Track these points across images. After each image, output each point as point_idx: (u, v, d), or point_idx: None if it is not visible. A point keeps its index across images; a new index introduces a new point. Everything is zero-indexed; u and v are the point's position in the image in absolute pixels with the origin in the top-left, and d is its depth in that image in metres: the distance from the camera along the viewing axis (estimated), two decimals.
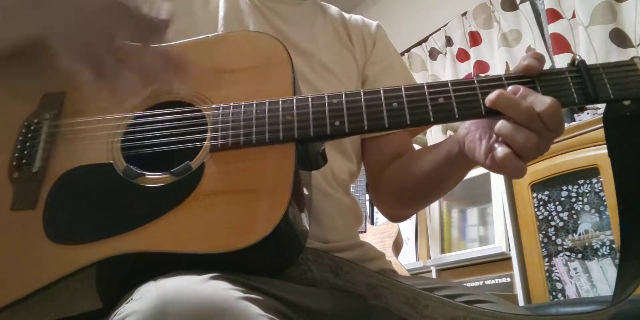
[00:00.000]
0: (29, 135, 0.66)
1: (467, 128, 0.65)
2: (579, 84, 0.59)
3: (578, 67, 0.60)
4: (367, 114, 0.61)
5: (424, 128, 0.96)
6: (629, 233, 0.63)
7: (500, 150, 0.58)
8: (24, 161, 0.64)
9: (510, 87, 0.59)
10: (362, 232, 2.42)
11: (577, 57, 0.61)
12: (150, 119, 0.65)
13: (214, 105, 0.64)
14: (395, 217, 0.96)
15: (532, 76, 0.61)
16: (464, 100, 0.60)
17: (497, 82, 0.61)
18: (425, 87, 0.61)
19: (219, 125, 0.63)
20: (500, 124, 0.58)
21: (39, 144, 0.65)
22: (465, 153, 0.66)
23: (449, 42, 3.10)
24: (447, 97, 0.60)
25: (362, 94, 0.62)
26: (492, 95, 0.58)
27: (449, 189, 0.85)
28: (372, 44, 0.96)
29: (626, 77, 0.59)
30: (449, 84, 0.61)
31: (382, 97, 0.61)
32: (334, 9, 0.98)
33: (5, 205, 0.62)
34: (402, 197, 0.87)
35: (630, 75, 0.59)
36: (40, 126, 0.67)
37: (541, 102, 0.57)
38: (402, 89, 0.61)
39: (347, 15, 0.99)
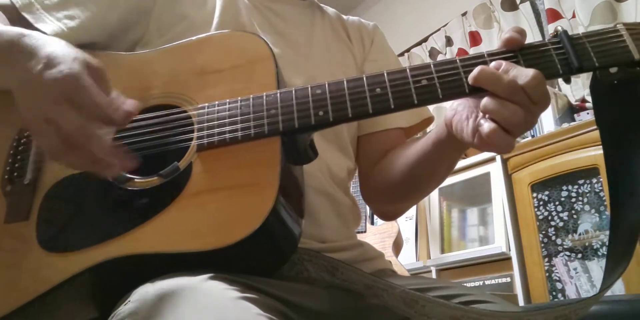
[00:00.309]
0: (20, 148, 0.67)
1: (454, 109, 0.65)
2: (562, 55, 0.58)
3: (560, 38, 0.59)
4: (350, 101, 0.60)
5: (420, 128, 0.95)
6: (618, 208, 0.62)
7: (487, 125, 0.57)
8: (15, 174, 0.65)
9: (492, 63, 0.58)
10: (362, 232, 2.42)
11: (559, 28, 0.60)
12: (137, 124, 0.65)
13: (199, 105, 0.64)
14: (387, 213, 0.94)
15: (514, 51, 0.60)
16: (447, 80, 0.59)
17: (479, 60, 0.60)
18: (407, 70, 0.61)
19: (205, 124, 0.63)
20: (485, 101, 0.57)
21: (30, 156, 0.65)
22: (454, 135, 0.65)
23: (449, 42, 3.10)
24: (430, 78, 0.60)
25: (345, 82, 0.62)
26: (474, 72, 0.57)
27: (439, 179, 0.84)
28: (370, 43, 0.96)
29: (610, 44, 0.58)
30: (432, 66, 0.60)
31: (365, 84, 0.61)
32: (331, 10, 0.99)
33: None
34: (392, 189, 0.86)
35: (614, 42, 0.58)
36: (30, 139, 0.67)
37: (524, 75, 0.56)
38: (385, 74, 0.61)
39: (344, 17, 1.00)
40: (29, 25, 0.71)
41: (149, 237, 0.57)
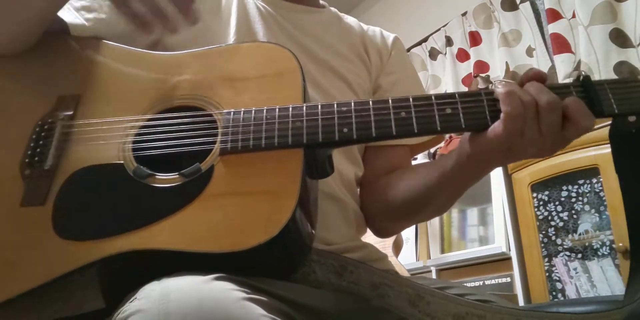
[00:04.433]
0: (43, 134, 0.67)
1: None
2: (584, 99, 0.61)
3: (583, 83, 0.62)
4: (375, 122, 0.62)
5: (427, 146, 0.96)
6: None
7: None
8: (36, 159, 0.65)
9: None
10: None
11: (582, 72, 0.63)
12: (162, 122, 0.66)
13: (225, 110, 0.65)
14: (381, 230, 0.92)
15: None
16: (470, 111, 0.62)
17: None
18: (433, 97, 0.63)
19: (230, 129, 0.64)
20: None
21: (52, 142, 0.66)
22: (472, 154, 0.66)
23: (449, 42, 3.10)
24: (454, 107, 0.62)
25: (370, 103, 0.63)
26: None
27: (438, 206, 0.83)
28: (388, 55, 0.96)
29: (631, 93, 0.61)
30: (457, 95, 0.63)
31: (391, 107, 0.63)
32: (351, 20, 0.99)
33: (15, 201, 0.62)
34: (390, 208, 0.85)
35: (634, 91, 0.61)
36: (54, 126, 0.67)
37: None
38: (410, 99, 0.63)
39: (365, 27, 0.99)
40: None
41: (164, 234, 0.57)
